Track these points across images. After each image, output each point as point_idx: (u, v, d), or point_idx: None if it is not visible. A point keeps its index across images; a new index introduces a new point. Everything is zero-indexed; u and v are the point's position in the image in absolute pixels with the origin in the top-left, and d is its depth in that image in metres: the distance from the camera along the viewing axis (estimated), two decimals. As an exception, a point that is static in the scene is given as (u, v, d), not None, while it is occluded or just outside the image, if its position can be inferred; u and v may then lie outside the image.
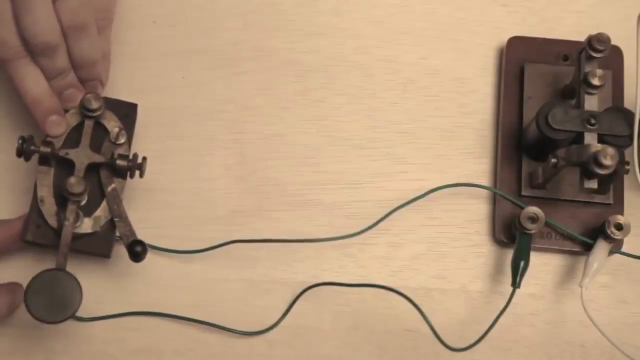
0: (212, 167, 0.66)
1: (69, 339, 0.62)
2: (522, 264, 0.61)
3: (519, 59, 0.67)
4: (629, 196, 0.64)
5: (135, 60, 0.67)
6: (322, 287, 0.63)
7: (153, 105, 0.65)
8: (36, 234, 0.60)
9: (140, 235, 0.59)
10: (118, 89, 0.65)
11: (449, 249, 0.65)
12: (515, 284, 0.60)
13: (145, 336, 0.63)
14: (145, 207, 0.64)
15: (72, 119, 0.61)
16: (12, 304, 0.60)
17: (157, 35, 0.68)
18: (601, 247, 0.61)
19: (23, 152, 0.59)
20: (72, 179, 0.58)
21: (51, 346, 0.62)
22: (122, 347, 0.63)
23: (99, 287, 0.63)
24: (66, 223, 0.58)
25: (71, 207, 0.59)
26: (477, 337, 0.60)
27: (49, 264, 0.60)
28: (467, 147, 0.67)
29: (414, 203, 0.64)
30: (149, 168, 0.61)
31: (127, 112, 0.62)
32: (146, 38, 0.68)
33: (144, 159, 0.60)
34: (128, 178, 0.61)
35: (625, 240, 0.63)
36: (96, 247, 0.61)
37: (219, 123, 0.67)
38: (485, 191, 0.65)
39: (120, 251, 0.61)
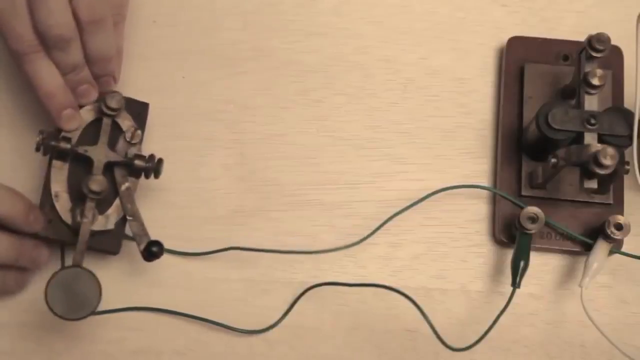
0: (212, 167, 0.66)
1: (69, 339, 0.62)
2: (522, 264, 0.61)
3: (519, 59, 0.67)
4: (629, 196, 0.64)
5: (136, 60, 0.67)
6: (322, 287, 0.63)
7: (153, 105, 0.65)
8: (49, 228, 0.60)
9: (140, 235, 0.60)
10: (118, 88, 0.65)
11: (449, 249, 0.65)
12: (515, 284, 0.60)
13: (146, 336, 0.63)
14: (146, 207, 0.64)
15: (87, 116, 0.61)
16: (21, 281, 0.61)
17: (157, 35, 0.68)
18: (601, 247, 0.61)
19: (43, 146, 0.59)
20: (95, 178, 0.58)
21: (52, 346, 0.62)
22: (122, 347, 0.63)
23: (98, 286, 0.63)
24: (85, 220, 0.58)
25: (90, 205, 0.58)
26: (477, 337, 0.60)
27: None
28: (467, 147, 0.67)
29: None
30: (148, 168, 0.61)
31: (139, 111, 0.62)
32: (146, 38, 0.68)
33: (161, 160, 0.60)
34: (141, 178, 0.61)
35: (625, 240, 0.62)
36: (106, 244, 0.61)
37: (219, 123, 0.67)
38: (485, 191, 0.65)
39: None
